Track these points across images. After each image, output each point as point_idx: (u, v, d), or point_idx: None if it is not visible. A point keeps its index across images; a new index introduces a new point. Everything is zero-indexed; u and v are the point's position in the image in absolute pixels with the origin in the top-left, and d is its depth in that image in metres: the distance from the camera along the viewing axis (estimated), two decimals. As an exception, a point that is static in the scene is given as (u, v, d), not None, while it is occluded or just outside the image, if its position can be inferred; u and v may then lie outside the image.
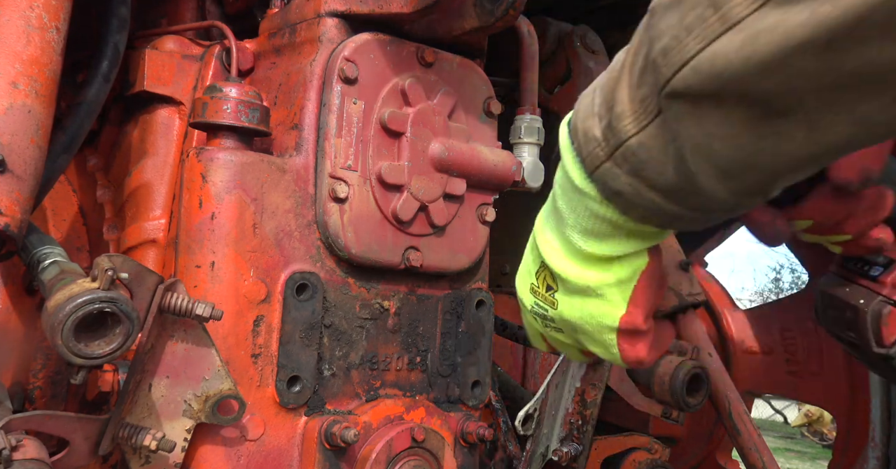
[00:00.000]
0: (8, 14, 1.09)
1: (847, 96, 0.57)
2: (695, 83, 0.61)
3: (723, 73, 0.59)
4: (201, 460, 1.14)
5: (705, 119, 0.63)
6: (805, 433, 8.80)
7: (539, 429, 1.41)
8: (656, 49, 0.64)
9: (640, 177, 0.70)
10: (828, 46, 0.54)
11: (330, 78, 1.25)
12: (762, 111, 0.60)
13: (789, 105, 0.59)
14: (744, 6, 0.57)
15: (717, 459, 2.43)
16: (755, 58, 0.57)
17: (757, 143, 0.62)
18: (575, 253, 0.80)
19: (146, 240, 1.36)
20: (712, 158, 0.65)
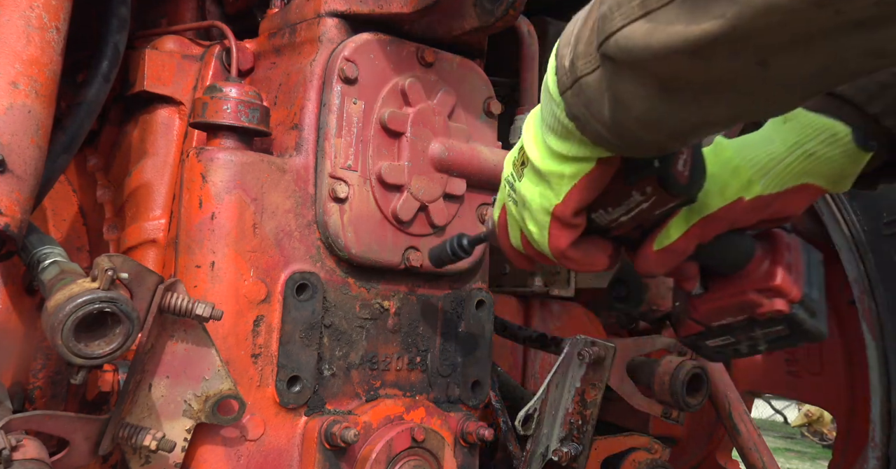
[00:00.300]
0: (8, 14, 1.09)
1: (718, 88, 0.70)
2: (615, 53, 0.73)
3: (631, 51, 0.71)
4: (201, 460, 1.14)
5: (626, 80, 0.74)
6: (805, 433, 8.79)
7: (539, 429, 1.41)
8: (600, 12, 0.75)
9: (589, 110, 0.82)
10: (693, 54, 0.66)
11: (330, 78, 1.25)
12: (664, 85, 0.72)
13: (678, 85, 0.71)
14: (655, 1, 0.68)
15: (717, 459, 2.43)
16: (650, 48, 0.69)
17: (663, 107, 0.74)
18: (542, 143, 0.93)
19: (146, 240, 1.36)
20: (632, 112, 0.77)
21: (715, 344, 1.12)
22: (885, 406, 1.81)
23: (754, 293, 1.04)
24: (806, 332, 1.06)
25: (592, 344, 1.40)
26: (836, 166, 1.00)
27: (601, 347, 1.40)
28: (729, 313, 1.07)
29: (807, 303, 1.05)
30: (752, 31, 0.61)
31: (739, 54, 0.65)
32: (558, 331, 1.87)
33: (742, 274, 1.05)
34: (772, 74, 0.66)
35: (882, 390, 1.82)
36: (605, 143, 0.84)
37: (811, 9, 0.57)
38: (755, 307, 1.04)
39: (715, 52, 0.65)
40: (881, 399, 1.82)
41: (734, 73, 0.67)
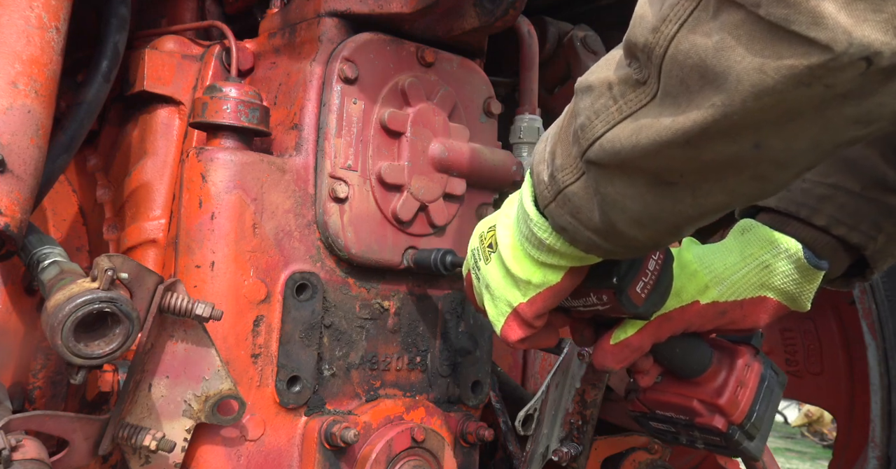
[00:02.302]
0: (8, 14, 1.09)
1: (713, 175, 0.71)
2: (602, 157, 0.75)
3: (619, 153, 0.73)
4: (201, 460, 1.14)
5: (616, 182, 0.76)
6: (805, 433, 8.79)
7: (539, 429, 1.41)
8: (577, 123, 0.78)
9: (577, 218, 0.83)
10: (686, 143, 0.67)
11: (330, 78, 1.25)
12: (655, 180, 0.74)
13: (673, 178, 0.73)
14: (634, 102, 0.71)
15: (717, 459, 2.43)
16: (639, 146, 0.71)
17: (658, 203, 0.76)
18: (517, 245, 0.94)
19: (146, 240, 1.36)
20: (626, 211, 0.78)
21: (657, 427, 1.17)
22: (885, 406, 1.81)
23: (698, 403, 1.08)
24: (740, 452, 1.11)
25: (592, 344, 1.40)
26: (791, 280, 1.03)
27: (601, 347, 1.40)
28: (672, 410, 1.12)
29: (746, 427, 1.09)
30: (743, 115, 0.62)
31: (733, 138, 0.65)
32: (558, 331, 1.87)
33: (694, 380, 1.09)
34: (765, 154, 0.66)
35: (882, 390, 1.82)
36: (597, 249, 0.85)
37: (799, 87, 0.58)
38: (696, 416, 1.08)
39: (707, 139, 0.66)
40: (881, 399, 1.82)
41: (728, 157, 0.68)
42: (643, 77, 0.70)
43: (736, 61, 0.60)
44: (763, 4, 0.58)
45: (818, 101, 0.60)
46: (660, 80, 0.68)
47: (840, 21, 0.55)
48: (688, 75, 0.64)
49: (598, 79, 0.75)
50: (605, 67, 0.76)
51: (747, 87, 0.60)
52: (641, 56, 0.69)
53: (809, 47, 0.57)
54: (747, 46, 0.60)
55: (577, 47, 1.76)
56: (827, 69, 0.57)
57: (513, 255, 0.94)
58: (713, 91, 0.63)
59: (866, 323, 1.85)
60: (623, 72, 0.72)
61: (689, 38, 0.63)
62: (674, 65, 0.65)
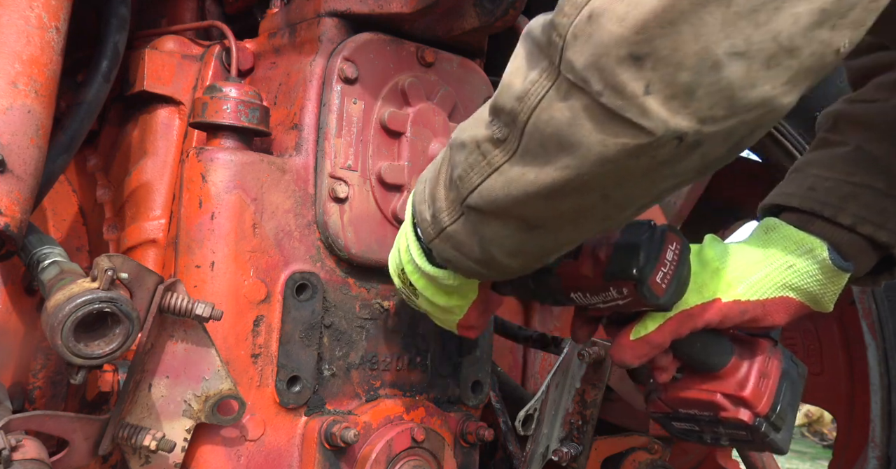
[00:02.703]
0: (8, 14, 1.09)
1: (570, 220, 0.85)
2: (480, 204, 0.87)
3: (495, 202, 0.85)
4: (201, 460, 1.14)
5: (492, 225, 0.89)
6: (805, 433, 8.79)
7: (539, 429, 1.41)
8: (455, 174, 0.90)
9: (460, 251, 0.95)
10: (547, 196, 0.80)
11: (330, 78, 1.25)
12: (524, 224, 0.87)
13: (539, 223, 0.86)
14: (498, 158, 0.83)
15: (717, 459, 2.43)
16: (511, 196, 0.83)
17: (527, 240, 0.89)
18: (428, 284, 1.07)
19: (146, 240, 1.36)
20: (501, 246, 0.91)
21: (681, 427, 1.16)
22: (885, 406, 1.81)
23: (722, 397, 1.07)
24: (767, 444, 1.10)
25: (592, 344, 1.40)
26: (814, 281, 1.04)
27: (601, 347, 1.40)
28: (695, 407, 1.11)
29: (772, 419, 1.08)
30: (591, 176, 0.76)
31: (584, 193, 0.79)
32: (558, 331, 1.87)
33: (716, 375, 1.08)
34: (612, 203, 0.81)
35: (882, 390, 1.82)
36: (478, 275, 0.99)
37: (631, 158, 0.73)
38: (720, 410, 1.07)
39: (564, 194, 0.79)
40: (881, 399, 1.82)
41: (582, 206, 0.81)
42: (503, 135, 0.82)
43: (584, 135, 0.74)
44: (605, 94, 0.71)
45: (646, 166, 0.75)
46: (521, 140, 0.80)
47: (661, 114, 0.70)
48: (547, 140, 0.77)
49: (469, 137, 0.87)
50: (475, 126, 0.87)
51: (594, 156, 0.74)
52: (505, 118, 0.81)
53: (639, 131, 0.71)
54: (593, 124, 0.73)
55: (577, 47, 1.75)
56: (651, 146, 0.72)
57: (430, 293, 1.08)
58: (567, 155, 0.76)
59: (866, 323, 1.85)
60: (488, 131, 0.84)
61: (548, 111, 0.76)
62: (535, 130, 0.78)
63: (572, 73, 0.73)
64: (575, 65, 0.72)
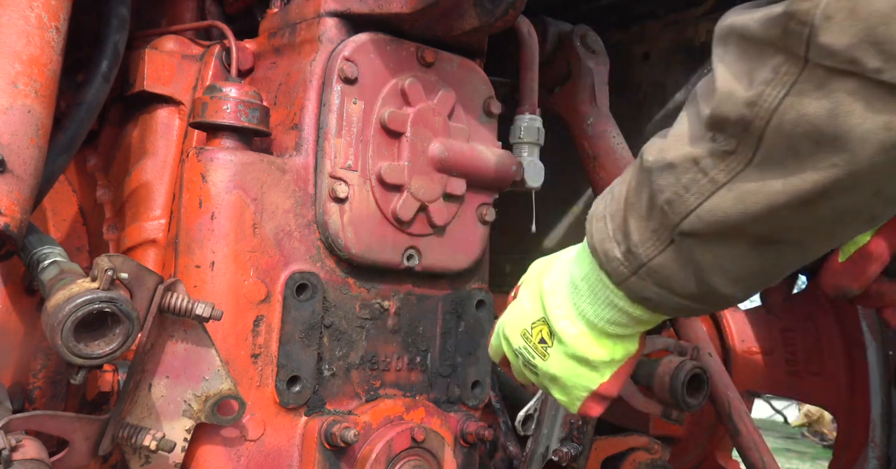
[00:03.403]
0: (8, 14, 1.09)
1: (826, 227, 0.76)
2: (700, 228, 0.78)
3: (724, 221, 0.76)
4: (201, 460, 1.14)
5: (714, 249, 0.79)
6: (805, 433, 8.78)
7: (539, 429, 1.41)
8: (661, 199, 0.81)
9: (666, 287, 0.85)
10: (802, 204, 0.72)
11: (330, 78, 1.25)
12: (759, 241, 0.78)
13: (781, 236, 0.77)
14: (724, 173, 0.75)
15: (717, 459, 2.43)
16: (748, 212, 0.75)
17: (760, 261, 0.80)
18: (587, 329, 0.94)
19: (146, 240, 1.36)
20: (725, 274, 0.81)
21: None
22: (885, 406, 1.81)
23: None
24: None
25: (592, 344, 1.40)
26: None
27: (601, 347, 1.40)
28: None
29: None
30: (869, 170, 0.67)
31: (854, 192, 0.70)
32: (558, 331, 1.87)
33: None
34: (884, 198, 0.72)
35: (882, 390, 1.82)
36: (685, 310, 0.88)
37: None
38: None
39: (827, 197, 0.71)
40: (881, 399, 1.82)
41: (846, 209, 0.73)
42: (731, 147, 0.74)
43: (856, 123, 0.65)
44: (886, 70, 0.63)
45: None
46: (758, 148, 0.72)
47: None
48: (798, 142, 0.69)
49: (680, 155, 0.79)
50: (681, 144, 0.79)
51: (872, 145, 0.66)
52: (733, 129, 0.73)
53: None
54: (867, 110, 0.65)
55: (577, 47, 1.76)
56: None
57: (582, 345, 0.94)
58: (831, 152, 0.68)
59: (866, 323, 1.85)
60: (708, 146, 0.76)
61: (795, 108, 0.68)
62: (778, 133, 0.70)
63: (832, 58, 0.65)
64: (835, 47, 0.64)
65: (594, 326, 0.93)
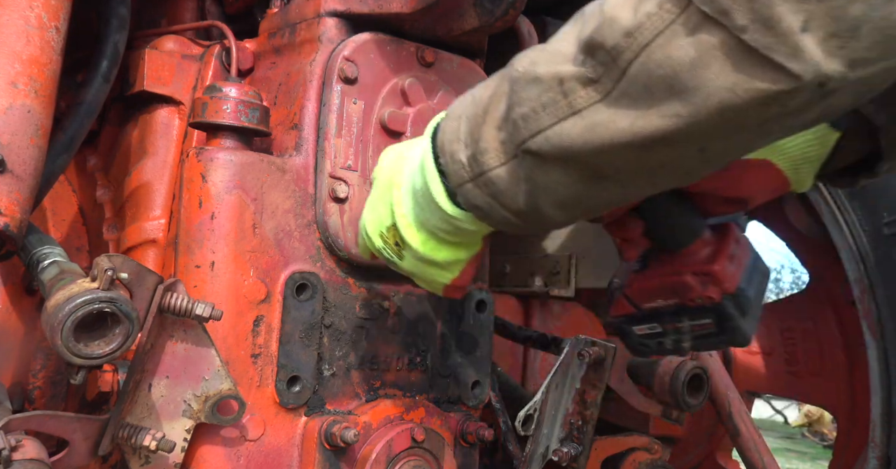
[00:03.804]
0: (8, 14, 1.09)
1: (649, 172, 0.77)
2: (546, 149, 0.79)
3: (568, 148, 0.77)
4: (201, 460, 1.14)
5: (551, 172, 0.81)
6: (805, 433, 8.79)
7: (539, 429, 1.41)
8: (517, 112, 0.81)
9: (497, 199, 0.87)
10: (641, 147, 0.73)
11: (330, 78, 1.25)
12: (592, 173, 0.79)
13: (610, 173, 0.78)
14: (584, 99, 0.75)
15: (717, 459, 2.43)
16: (591, 144, 0.75)
17: (587, 192, 0.82)
18: (428, 238, 0.99)
19: (146, 240, 1.36)
20: (554, 196, 0.83)
21: (642, 331, 1.10)
22: (885, 406, 1.81)
23: (690, 275, 1.03)
24: (732, 330, 1.04)
25: (592, 344, 1.40)
26: (801, 143, 1.00)
27: (601, 347, 1.40)
28: (661, 295, 1.06)
29: (740, 298, 1.03)
30: (703, 127, 0.68)
31: (684, 145, 0.71)
32: (558, 331, 1.87)
33: (684, 253, 1.04)
34: (705, 157, 0.74)
35: (882, 390, 1.82)
36: (509, 225, 0.90)
37: (760, 107, 0.65)
38: (688, 291, 1.03)
39: (663, 145, 0.71)
40: (881, 399, 1.82)
41: (673, 160, 0.74)
42: (597, 75, 0.73)
43: (710, 78, 0.65)
44: (749, 29, 0.62)
45: (768, 117, 0.67)
46: (619, 82, 0.71)
47: (814, 56, 0.61)
48: (655, 84, 0.68)
49: (549, 72, 0.77)
50: (555, 60, 0.78)
51: (715, 103, 0.66)
52: (603, 56, 0.72)
53: (783, 75, 0.62)
54: (724, 66, 0.64)
55: (577, 47, 1.75)
56: (789, 94, 0.64)
57: (429, 248, 0.99)
58: (679, 102, 0.67)
59: (866, 323, 1.85)
60: (576, 69, 0.75)
61: (665, 48, 0.67)
62: (642, 71, 0.69)
63: (710, 4, 0.63)
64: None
65: (434, 235, 0.98)
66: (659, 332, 1.09)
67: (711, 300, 1.02)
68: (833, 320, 2.20)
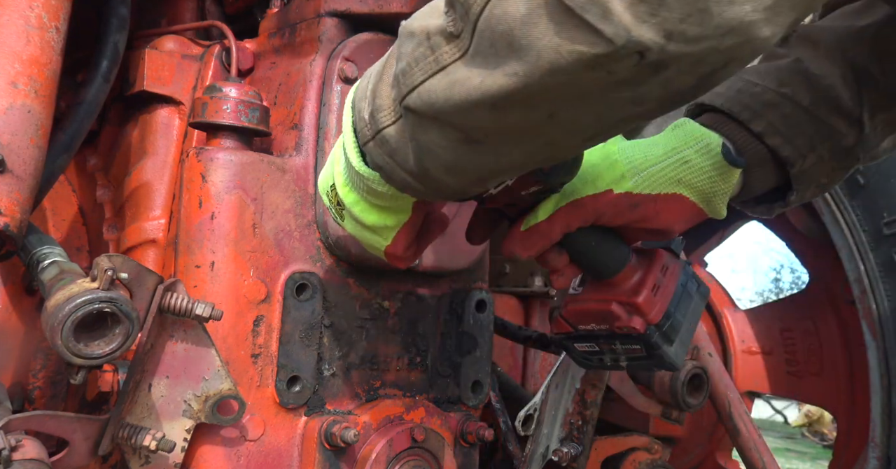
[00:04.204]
0: (8, 14, 1.09)
1: (513, 139, 0.76)
2: (418, 106, 0.77)
3: (434, 105, 0.75)
4: (201, 460, 1.14)
5: (429, 131, 0.78)
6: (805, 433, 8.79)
7: (539, 429, 1.41)
8: (398, 67, 0.79)
9: (393, 159, 0.85)
10: (492, 106, 0.71)
11: (330, 78, 1.25)
12: (464, 136, 0.77)
13: (480, 137, 0.76)
14: (448, 55, 0.73)
15: (717, 459, 2.43)
16: (451, 101, 0.73)
17: (466, 156, 0.79)
18: (359, 199, 0.97)
19: (146, 240, 1.36)
20: (438, 159, 0.81)
21: (582, 348, 1.11)
22: (885, 406, 1.81)
23: (616, 305, 1.04)
24: (660, 357, 1.05)
25: (592, 344, 1.40)
26: (706, 178, 1.00)
27: (601, 347, 1.40)
28: (593, 319, 1.07)
29: (664, 328, 1.04)
30: (540, 88, 0.67)
31: (531, 107, 0.70)
32: (558, 331, 1.87)
33: (611, 282, 1.05)
34: (558, 124, 0.72)
35: (882, 390, 1.82)
36: (412, 189, 0.88)
37: (587, 71, 0.65)
38: (614, 319, 1.04)
39: (510, 104, 0.70)
40: (881, 399, 1.82)
41: (527, 123, 0.73)
42: (458, 30, 0.72)
43: (538, 38, 0.65)
44: None
45: (602, 84, 0.66)
46: (472, 37, 0.70)
47: (624, 19, 0.61)
48: (497, 40, 0.68)
49: (420, 26, 0.77)
50: (428, 14, 0.77)
51: (545, 64, 0.65)
52: (460, 10, 0.71)
53: (597, 38, 0.63)
54: (548, 26, 0.64)
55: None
56: (608, 58, 0.63)
57: (360, 210, 0.97)
58: (517, 61, 0.67)
59: (866, 323, 1.85)
60: (441, 22, 0.74)
61: (502, 4, 0.66)
62: (487, 27, 0.68)
63: None
64: None
65: (364, 197, 0.96)
66: (597, 351, 1.10)
67: (636, 330, 1.03)
68: (833, 320, 2.20)
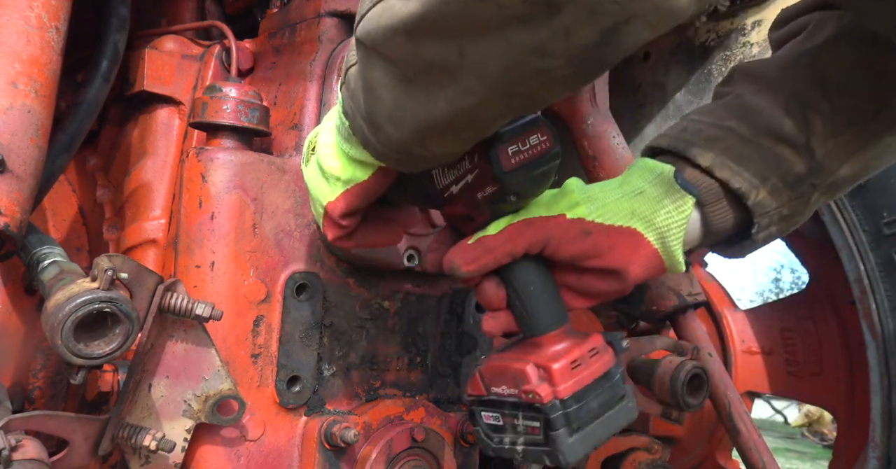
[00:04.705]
0: (8, 14, 1.09)
1: (436, 79, 0.72)
2: (362, 35, 0.75)
3: (370, 33, 0.73)
4: (201, 460, 1.14)
5: (375, 67, 0.76)
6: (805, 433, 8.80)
7: (539, 429, 1.41)
8: None
9: (355, 102, 0.83)
10: (407, 35, 0.68)
11: (330, 78, 1.25)
12: (401, 75, 0.74)
13: (410, 75, 0.73)
14: None
15: (717, 459, 2.43)
16: (380, 28, 0.71)
17: (404, 99, 0.76)
18: (335, 143, 0.95)
19: (146, 240, 1.36)
20: (381, 102, 0.78)
21: (488, 419, 1.02)
22: (885, 406, 1.81)
23: (532, 367, 0.95)
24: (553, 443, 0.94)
25: (592, 344, 1.40)
26: (660, 209, 0.97)
27: (601, 347, 1.40)
28: (505, 379, 0.98)
29: (569, 410, 0.94)
30: (440, 16, 0.65)
31: (440, 41, 0.68)
32: (558, 331, 1.87)
33: (538, 342, 0.97)
34: (469, 64, 0.69)
35: (882, 390, 1.82)
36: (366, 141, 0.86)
37: (477, 2, 0.63)
38: (524, 381, 0.95)
39: (421, 33, 0.68)
40: (881, 399, 1.82)
41: (442, 60, 0.70)
42: None
43: None
44: None
45: (497, 19, 0.64)
46: None
47: None
48: None
49: None
50: None
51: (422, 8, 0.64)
52: None
53: None
54: None
55: (576, 47, 1.75)
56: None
57: (328, 152, 0.96)
58: None
59: (866, 323, 1.85)
60: None
61: None
62: None
63: None
64: None
65: (338, 140, 0.95)
66: (500, 425, 1.00)
67: (540, 398, 0.93)
68: (833, 320, 2.20)
